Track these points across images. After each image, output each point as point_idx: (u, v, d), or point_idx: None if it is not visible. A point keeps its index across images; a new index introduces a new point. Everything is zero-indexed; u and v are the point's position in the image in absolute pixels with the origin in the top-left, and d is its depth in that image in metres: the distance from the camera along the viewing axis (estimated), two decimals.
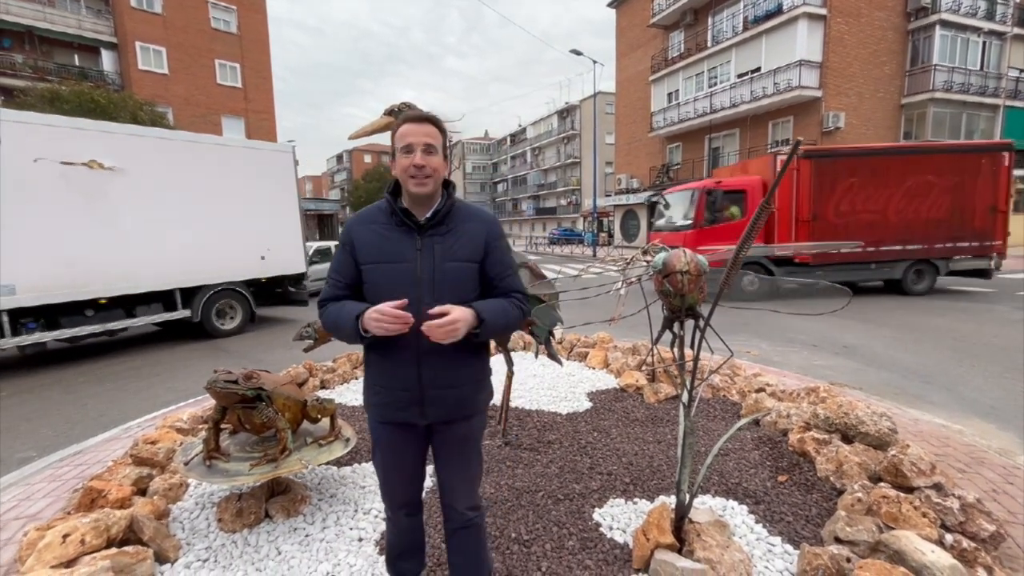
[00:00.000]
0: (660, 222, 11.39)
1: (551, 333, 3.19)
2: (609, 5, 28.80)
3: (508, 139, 63.12)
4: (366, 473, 2.87)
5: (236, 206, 7.88)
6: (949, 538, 1.97)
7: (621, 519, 2.35)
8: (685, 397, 2.16)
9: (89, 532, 2.02)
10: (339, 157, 72.93)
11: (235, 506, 2.37)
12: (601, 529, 2.29)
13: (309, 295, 9.53)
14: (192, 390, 5.10)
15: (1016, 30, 19.79)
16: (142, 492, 2.59)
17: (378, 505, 2.52)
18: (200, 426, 3.44)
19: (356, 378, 4.69)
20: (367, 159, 66.31)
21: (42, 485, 2.95)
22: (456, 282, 1.48)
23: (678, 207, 10.80)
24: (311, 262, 11.97)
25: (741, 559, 1.96)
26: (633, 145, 28.05)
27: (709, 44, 21.18)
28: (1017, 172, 21.17)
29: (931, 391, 4.55)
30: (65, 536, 1.99)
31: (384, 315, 1.36)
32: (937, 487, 2.29)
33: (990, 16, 19.28)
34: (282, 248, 8.66)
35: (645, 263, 3.89)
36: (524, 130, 58.55)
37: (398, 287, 1.44)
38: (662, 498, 2.52)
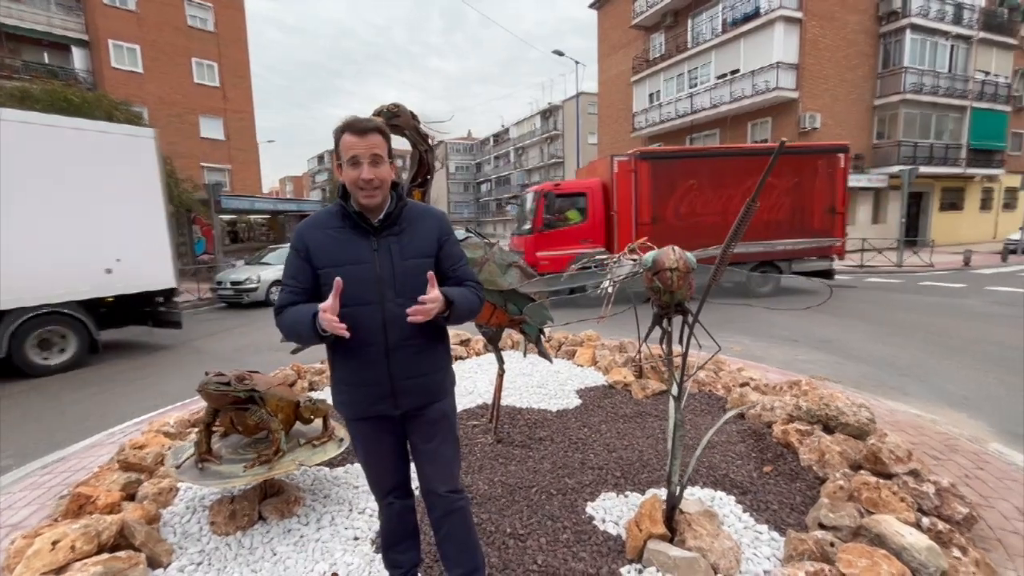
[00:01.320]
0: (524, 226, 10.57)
1: (541, 331, 3.23)
2: (591, 6, 29.01)
3: (491, 139, 63.08)
4: (359, 473, 2.87)
5: (70, 205, 6.10)
6: (926, 521, 2.06)
7: (613, 512, 2.40)
8: (675, 391, 2.22)
9: (79, 538, 2.00)
10: (320, 158, 71.98)
11: (228, 509, 2.35)
12: (594, 522, 2.33)
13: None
14: (176, 394, 5.01)
15: (982, 34, 20.51)
16: (131, 497, 2.56)
17: (373, 504, 2.52)
18: (188, 430, 3.40)
19: None
20: None
21: (24, 493, 2.89)
22: (416, 278, 1.50)
23: (527, 210, 10.46)
24: None
25: (730, 546, 2.02)
26: (616, 145, 28.26)
27: (689, 46, 21.48)
28: (982, 171, 22.00)
29: (907, 383, 4.71)
30: (55, 543, 1.96)
31: (327, 313, 1.39)
32: (914, 473, 2.39)
33: (957, 21, 19.94)
34: (141, 258, 6.85)
35: (632, 261, 3.96)
36: (507, 130, 58.60)
37: (359, 287, 1.47)
38: (652, 490, 2.58)
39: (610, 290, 4.00)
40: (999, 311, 7.95)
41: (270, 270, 11.36)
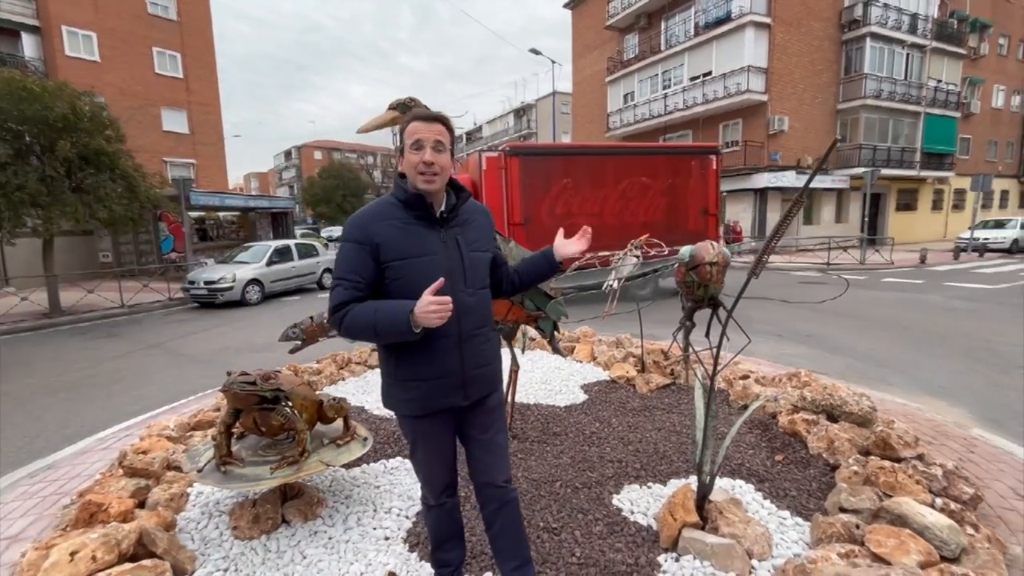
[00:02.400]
0: None
1: (556, 327, 3.25)
2: (565, 6, 29.20)
3: (464, 137, 62.71)
4: (376, 473, 2.83)
5: None
6: (939, 502, 2.18)
7: (640, 503, 2.44)
8: (698, 382, 2.28)
9: (99, 548, 1.90)
10: (287, 154, 70.02)
11: (251, 513, 2.28)
12: (623, 513, 2.37)
13: (263, 298, 8.97)
14: (160, 397, 4.82)
15: (934, 44, 21.65)
16: (140, 504, 2.45)
17: (398, 503, 2.50)
18: (189, 433, 3.27)
19: (343, 379, 4.57)
20: (317, 155, 64.03)
21: (17, 503, 2.72)
22: (482, 270, 1.64)
23: None
24: (270, 262, 11.51)
25: (762, 532, 2.09)
26: None
27: (663, 48, 21.89)
28: (934, 174, 23.25)
29: (888, 374, 4.95)
30: (73, 554, 1.87)
31: (433, 303, 1.38)
32: (920, 457, 2.53)
33: (913, 30, 20.98)
34: None
35: (636, 258, 4.02)
36: (480, 128, 58.36)
37: (430, 281, 1.44)
38: (673, 482, 2.64)
39: (615, 286, 4.06)
40: (960, 305, 8.43)
41: (246, 269, 11.00)
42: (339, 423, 2.61)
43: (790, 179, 19.05)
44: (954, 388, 4.52)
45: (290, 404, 2.27)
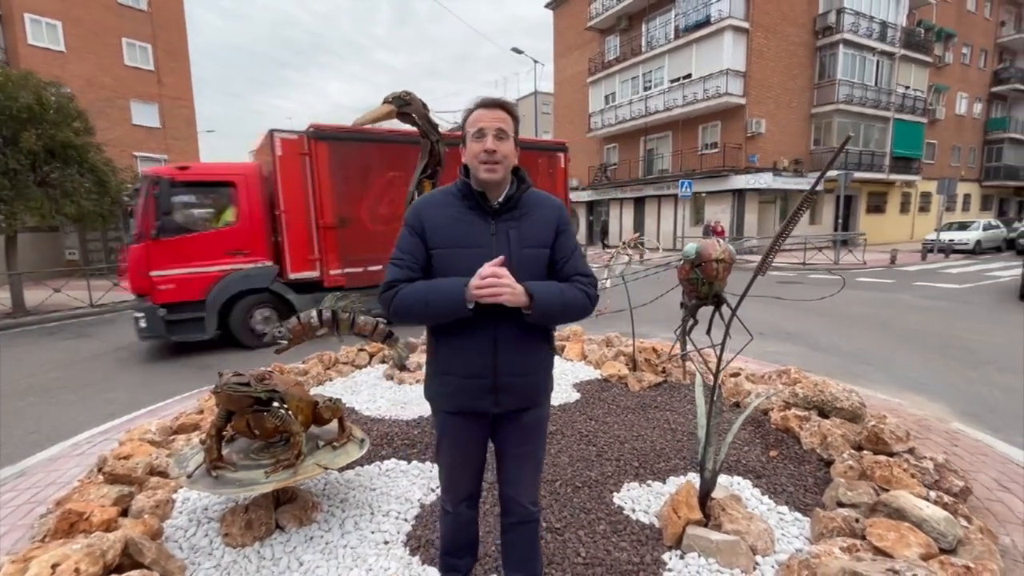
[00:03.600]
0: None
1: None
2: (547, 6, 29.27)
3: None
4: (372, 475, 2.76)
5: None
6: (932, 495, 2.23)
7: (641, 501, 2.44)
8: (697, 382, 2.28)
9: (83, 559, 1.79)
10: None
11: (243, 519, 2.20)
12: (625, 512, 2.36)
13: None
14: (134, 401, 4.64)
15: (903, 51, 22.41)
16: (123, 512, 2.34)
17: (396, 506, 2.44)
18: (172, 436, 3.15)
19: (330, 379, 4.47)
20: None
21: None
22: (532, 268, 1.47)
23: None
24: None
25: (764, 528, 2.10)
26: (571, 145, 28.65)
27: (644, 49, 22.13)
28: (902, 177, 24.05)
29: (869, 371, 5.08)
30: (55, 566, 1.76)
31: (488, 276, 1.34)
32: (911, 451, 2.58)
33: (883, 38, 21.67)
34: None
35: (628, 256, 4.03)
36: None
37: (472, 273, 1.39)
38: (671, 479, 2.64)
39: (608, 285, 4.06)
40: (930, 304, 8.73)
41: None
42: (333, 424, 2.53)
43: (767, 180, 19.47)
44: (931, 384, 4.66)
45: (285, 405, 2.19)
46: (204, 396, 3.93)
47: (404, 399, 3.93)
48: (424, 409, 3.69)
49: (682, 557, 2.03)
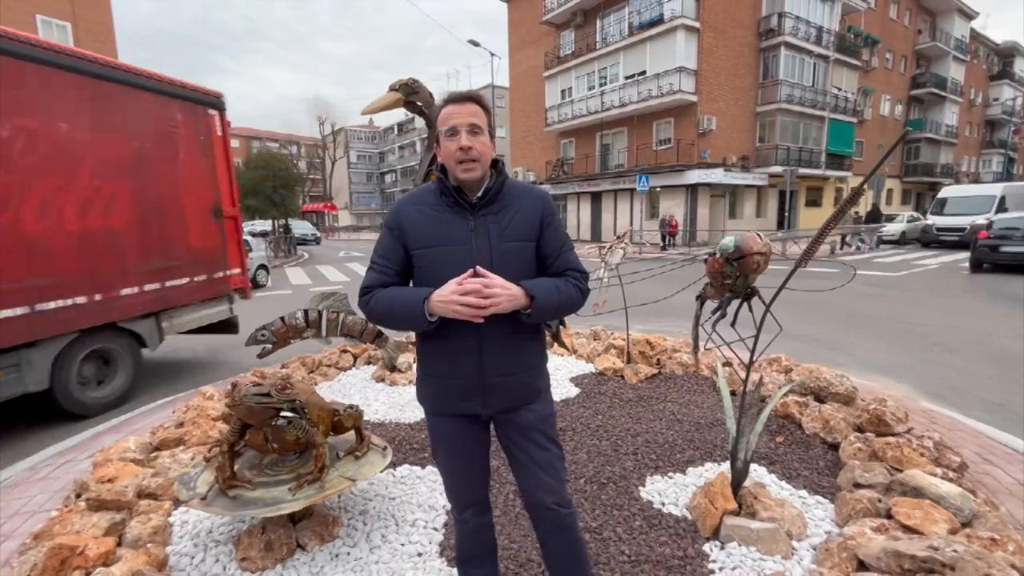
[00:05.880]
0: None
1: (562, 322, 3.19)
2: None
3: (396, 128, 60.95)
4: (386, 484, 2.63)
5: None
6: (938, 471, 2.37)
7: (668, 494, 2.45)
8: (719, 375, 2.31)
9: None
10: None
11: (261, 540, 2.03)
12: (655, 506, 2.37)
13: None
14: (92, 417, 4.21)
15: (836, 55, 23.92)
16: (118, 543, 2.10)
17: (420, 515, 2.33)
18: (154, 454, 2.87)
19: (315, 383, 4.24)
20: (235, 144, 59.19)
21: None
22: (515, 263, 1.42)
23: None
24: None
25: (796, 513, 2.16)
26: (528, 139, 28.80)
27: (599, 46, 22.43)
28: (836, 173, 25.72)
29: (836, 355, 5.38)
30: None
31: (458, 293, 1.30)
32: (910, 431, 2.74)
33: (819, 42, 23.03)
34: None
35: (622, 249, 4.04)
36: (412, 119, 56.90)
37: (454, 271, 1.36)
38: (691, 470, 2.68)
39: (606, 280, 4.06)
40: (875, 292, 9.39)
41: None
42: (348, 433, 2.38)
43: (719, 176, 20.29)
44: (893, 366, 5.00)
45: (307, 416, 2.03)
46: (179, 407, 3.62)
47: (400, 401, 3.79)
48: None
49: (723, 547, 2.05)
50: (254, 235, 24.86)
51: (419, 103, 2.95)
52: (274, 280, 13.44)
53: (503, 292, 1.32)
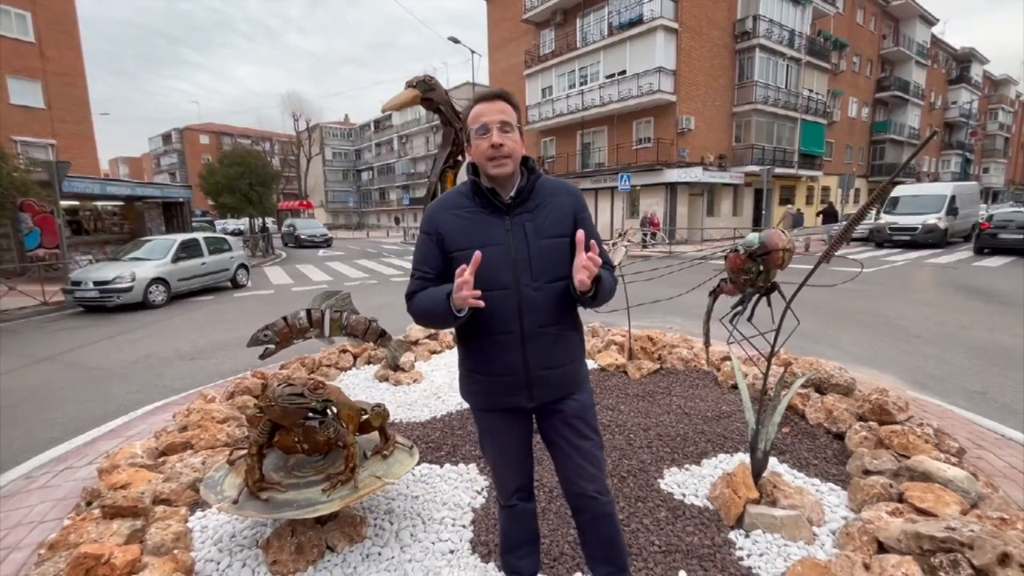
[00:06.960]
0: None
1: None
2: None
3: (372, 125, 60.10)
4: (407, 482, 2.62)
5: None
6: (941, 456, 2.49)
7: (688, 485, 2.51)
8: (736, 370, 2.38)
9: None
10: (166, 137, 62.28)
11: (291, 543, 2.00)
12: (676, 497, 2.42)
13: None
14: (73, 421, 4.09)
15: (807, 58, 24.63)
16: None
17: (447, 512, 2.33)
18: (161, 459, 2.79)
19: None
20: (204, 140, 57.68)
21: None
22: (553, 259, 1.45)
23: None
24: (176, 258, 10.20)
25: (815, 500, 2.25)
26: None
27: (579, 45, 22.57)
28: (808, 173, 26.45)
29: (823, 349, 5.57)
30: None
31: (459, 282, 1.32)
32: (910, 419, 2.87)
33: (791, 45, 23.67)
34: None
35: (625, 247, 4.09)
36: (389, 116, 56.18)
37: (493, 271, 1.39)
38: (706, 462, 2.75)
39: (623, 277, 4.09)
40: (851, 286, 9.71)
41: (147, 266, 9.58)
42: (373, 432, 2.37)
43: (697, 174, 20.68)
44: (877, 358, 5.21)
45: (338, 415, 2.01)
46: (178, 410, 3.51)
47: (408, 401, 3.76)
48: (435, 409, 3.56)
49: (747, 536, 2.12)
50: (228, 234, 24.33)
51: (436, 100, 2.93)
52: (254, 280, 13.12)
53: (596, 266, 1.33)
